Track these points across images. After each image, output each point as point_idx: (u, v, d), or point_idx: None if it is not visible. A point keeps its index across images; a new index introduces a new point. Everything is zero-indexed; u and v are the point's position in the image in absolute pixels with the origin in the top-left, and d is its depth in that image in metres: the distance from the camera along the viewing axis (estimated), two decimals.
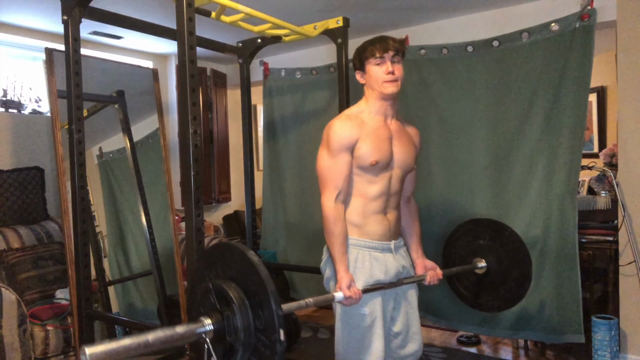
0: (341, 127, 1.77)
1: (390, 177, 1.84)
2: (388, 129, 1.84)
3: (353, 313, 1.78)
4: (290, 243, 3.94)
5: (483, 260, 2.24)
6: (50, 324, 2.68)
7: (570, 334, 2.73)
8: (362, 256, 1.80)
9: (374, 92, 1.82)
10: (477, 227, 2.34)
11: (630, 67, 2.74)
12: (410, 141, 1.92)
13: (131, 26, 2.54)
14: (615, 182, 2.80)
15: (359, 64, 1.84)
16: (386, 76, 1.77)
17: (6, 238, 2.95)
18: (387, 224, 1.84)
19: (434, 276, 1.97)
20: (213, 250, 1.34)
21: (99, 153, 3.40)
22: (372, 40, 1.83)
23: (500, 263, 2.21)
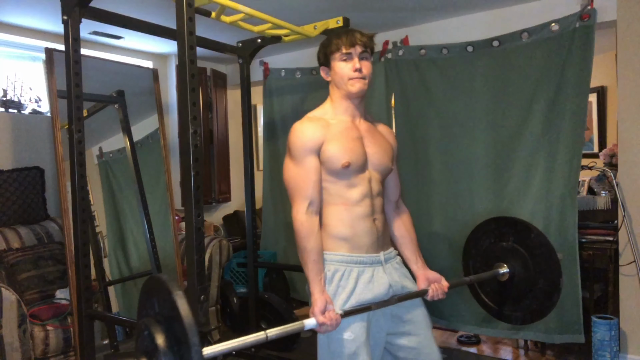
0: (303, 129, 1.60)
1: (369, 179, 1.65)
2: (357, 129, 1.67)
3: (334, 338, 1.56)
4: (290, 243, 3.94)
5: (505, 266, 1.95)
6: (50, 324, 2.68)
7: (570, 334, 2.73)
8: (347, 273, 1.58)
9: (339, 90, 1.66)
10: (501, 228, 2.06)
11: (630, 67, 2.74)
12: (383, 140, 1.74)
13: (131, 26, 2.54)
14: (615, 182, 2.80)
15: (324, 58, 1.69)
16: (352, 73, 1.61)
17: (6, 238, 2.95)
18: (376, 232, 1.64)
19: (437, 290, 1.72)
20: (151, 282, 1.26)
21: (99, 153, 3.40)
22: (338, 32, 1.67)
23: (526, 270, 1.93)
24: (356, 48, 1.62)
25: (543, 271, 1.90)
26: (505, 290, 1.98)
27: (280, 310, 3.22)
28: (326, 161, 1.58)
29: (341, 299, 1.56)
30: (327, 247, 1.62)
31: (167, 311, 1.17)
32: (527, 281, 1.92)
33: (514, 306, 1.99)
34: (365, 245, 1.61)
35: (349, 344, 1.54)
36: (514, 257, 1.95)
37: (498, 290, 2.00)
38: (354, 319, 1.55)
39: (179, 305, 1.12)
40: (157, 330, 1.17)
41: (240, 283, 3.89)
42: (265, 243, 4.07)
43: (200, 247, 1.88)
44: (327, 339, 1.58)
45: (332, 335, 1.55)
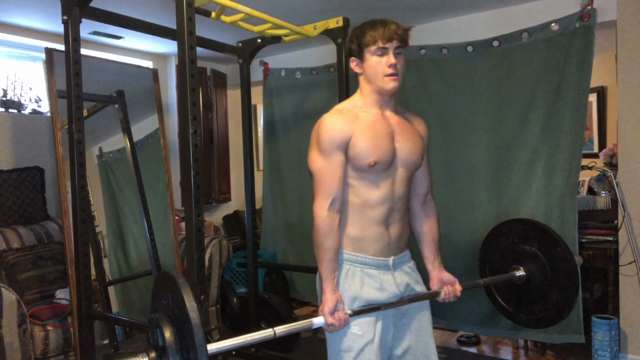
0: (331, 122, 1.53)
1: (393, 180, 1.59)
2: (387, 123, 1.60)
3: (343, 332, 1.55)
4: (290, 243, 3.94)
5: (522, 269, 1.91)
6: (50, 324, 2.68)
7: (570, 334, 2.73)
8: (352, 272, 1.57)
9: (371, 85, 1.58)
10: (528, 231, 1.98)
11: (630, 67, 2.74)
12: (415, 134, 1.66)
13: (131, 26, 2.54)
14: (615, 182, 2.80)
15: (357, 50, 1.58)
16: (387, 69, 1.53)
17: (6, 238, 2.95)
18: (387, 239, 1.59)
19: (450, 292, 1.68)
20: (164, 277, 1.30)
21: (99, 153, 3.40)
22: (372, 23, 1.57)
23: (543, 278, 1.87)
24: (393, 43, 1.53)
25: (561, 285, 1.85)
26: (518, 293, 1.96)
27: (280, 310, 3.22)
28: (353, 158, 1.53)
29: (349, 295, 1.55)
30: None
31: (177, 309, 1.20)
32: (541, 289, 1.89)
33: (523, 308, 1.97)
34: (372, 249, 1.58)
35: (358, 339, 1.53)
36: (533, 263, 1.90)
37: (514, 292, 1.98)
38: (364, 319, 1.54)
39: (187, 307, 1.16)
40: (166, 327, 1.21)
41: (240, 283, 3.89)
42: (265, 243, 4.07)
43: (200, 247, 1.88)
44: (336, 333, 1.57)
45: (341, 332, 1.55)
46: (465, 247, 3.03)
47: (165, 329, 1.21)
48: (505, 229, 2.07)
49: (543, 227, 1.96)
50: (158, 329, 1.23)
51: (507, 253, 2.01)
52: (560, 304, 1.86)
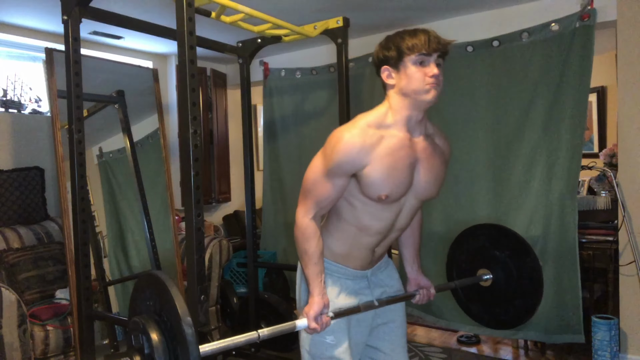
0: (349, 145, 1.36)
1: (400, 210, 1.49)
2: (412, 151, 1.43)
3: (316, 340, 1.53)
4: (290, 243, 3.94)
5: (489, 272, 1.91)
6: (50, 324, 2.68)
7: (570, 334, 2.73)
8: (331, 282, 1.55)
9: (407, 98, 1.39)
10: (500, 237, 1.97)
11: (630, 67, 2.74)
12: (440, 163, 1.51)
13: (131, 26, 2.54)
14: (615, 182, 2.80)
15: (396, 56, 1.38)
16: (430, 79, 1.35)
17: (6, 238, 2.95)
18: (370, 259, 1.57)
19: (424, 296, 1.71)
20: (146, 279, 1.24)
21: (99, 153, 3.40)
22: (413, 31, 1.39)
23: (508, 276, 1.88)
24: (436, 53, 1.37)
25: (525, 292, 1.86)
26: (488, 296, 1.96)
27: (280, 310, 3.22)
28: (364, 186, 1.40)
29: None
30: None
31: (163, 308, 1.15)
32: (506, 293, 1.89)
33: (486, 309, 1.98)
34: (354, 265, 1.57)
35: (330, 348, 1.52)
36: (501, 268, 1.90)
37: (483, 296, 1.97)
38: (337, 325, 1.52)
39: (175, 302, 1.10)
40: (152, 328, 1.14)
41: (240, 283, 3.89)
42: (265, 243, 4.07)
43: (200, 247, 1.88)
44: (309, 342, 1.55)
45: (314, 338, 1.53)
46: None
47: (152, 335, 1.13)
48: (476, 232, 2.05)
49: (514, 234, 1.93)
50: (144, 335, 1.16)
51: (476, 255, 1.99)
52: (522, 310, 1.88)
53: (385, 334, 1.65)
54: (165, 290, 1.14)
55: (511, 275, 1.87)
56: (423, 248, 1.96)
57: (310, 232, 1.46)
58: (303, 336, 1.57)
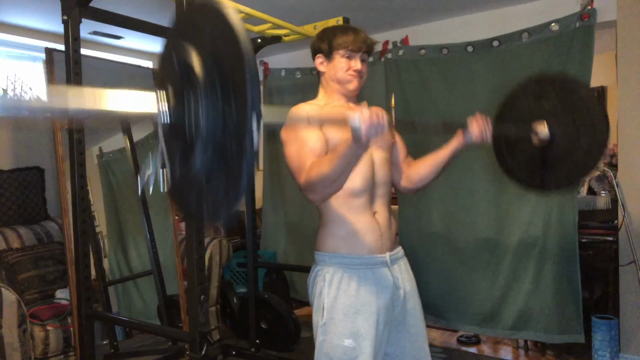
0: (299, 107, 1.58)
1: (371, 160, 1.57)
2: (351, 109, 1.46)
3: (333, 344, 1.49)
4: (290, 243, 3.94)
5: (545, 126, 1.66)
6: (50, 324, 2.68)
7: (570, 334, 2.73)
8: (348, 277, 1.51)
9: (334, 84, 1.63)
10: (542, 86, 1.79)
11: (630, 67, 2.74)
12: None
13: (131, 26, 2.54)
14: (615, 182, 2.80)
15: (327, 49, 1.61)
16: (352, 72, 1.60)
17: (6, 238, 2.95)
18: (378, 229, 1.55)
19: (478, 124, 1.56)
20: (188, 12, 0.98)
21: (99, 153, 3.40)
22: (344, 28, 1.65)
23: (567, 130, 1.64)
24: (361, 51, 1.60)
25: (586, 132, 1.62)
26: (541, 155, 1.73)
27: (280, 310, 3.22)
28: (328, 141, 1.51)
29: (342, 302, 1.49)
30: (325, 247, 1.55)
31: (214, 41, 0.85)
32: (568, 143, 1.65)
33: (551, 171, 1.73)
34: (367, 244, 1.52)
35: (350, 352, 1.47)
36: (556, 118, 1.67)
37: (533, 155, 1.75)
38: (358, 329, 1.48)
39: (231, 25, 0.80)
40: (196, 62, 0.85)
41: (240, 283, 3.89)
42: (265, 243, 4.07)
43: (200, 247, 1.89)
44: (326, 346, 1.50)
45: (332, 341, 1.49)
46: (465, 247, 3.03)
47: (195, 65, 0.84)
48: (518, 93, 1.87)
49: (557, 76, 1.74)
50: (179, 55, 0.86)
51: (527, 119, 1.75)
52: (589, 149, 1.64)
53: (407, 340, 1.60)
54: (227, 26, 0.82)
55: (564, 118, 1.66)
56: (422, 249, 1.95)
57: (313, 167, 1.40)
58: (320, 339, 1.52)
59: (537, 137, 1.67)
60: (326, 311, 1.50)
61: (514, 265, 2.88)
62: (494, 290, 2.96)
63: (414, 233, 3.22)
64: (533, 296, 2.80)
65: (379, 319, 1.51)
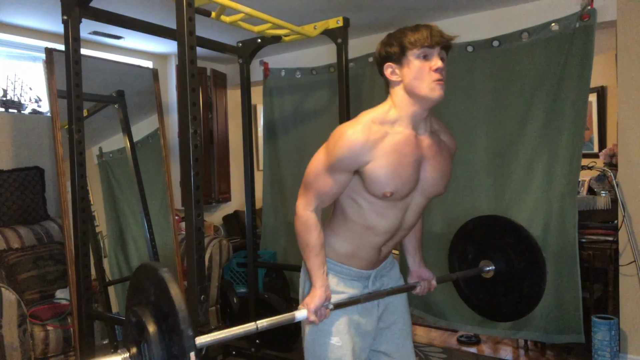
0: (352, 141, 1.33)
1: (406, 208, 1.46)
2: (418, 148, 1.40)
3: (320, 342, 1.51)
4: (290, 243, 3.94)
5: (491, 263, 1.86)
6: (50, 324, 2.68)
7: (570, 334, 2.73)
8: (336, 279, 1.52)
9: (411, 95, 1.37)
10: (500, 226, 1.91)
11: (630, 67, 2.74)
12: (446, 159, 1.48)
13: (131, 26, 2.54)
14: (615, 182, 2.80)
15: (399, 51, 1.35)
16: (434, 74, 1.33)
17: (6, 238, 2.95)
18: (376, 258, 1.54)
19: (425, 288, 1.68)
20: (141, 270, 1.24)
21: (99, 153, 3.40)
22: (414, 27, 1.37)
23: (510, 268, 1.83)
24: (439, 47, 1.35)
25: (527, 273, 1.80)
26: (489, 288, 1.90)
27: (280, 310, 3.22)
28: (367, 183, 1.37)
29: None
30: None
31: (159, 299, 1.12)
32: (511, 280, 1.84)
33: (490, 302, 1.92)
34: (361, 265, 1.54)
35: (336, 350, 1.49)
36: (503, 258, 1.85)
37: (483, 287, 1.92)
38: (343, 327, 1.50)
39: (170, 292, 1.07)
40: (148, 319, 1.12)
41: (240, 283, 3.89)
42: (265, 243, 4.07)
43: (200, 247, 1.88)
44: (313, 344, 1.54)
45: (319, 340, 1.52)
46: None
47: (147, 321, 1.12)
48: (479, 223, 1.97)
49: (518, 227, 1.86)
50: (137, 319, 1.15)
51: (479, 247, 1.92)
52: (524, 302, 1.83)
53: (389, 337, 1.62)
54: (161, 281, 1.12)
55: (513, 268, 1.83)
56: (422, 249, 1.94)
57: (312, 224, 1.43)
58: (308, 339, 1.55)
59: (485, 272, 1.86)
60: None
61: None
62: None
63: None
64: None
65: (360, 319, 1.53)
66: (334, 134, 1.39)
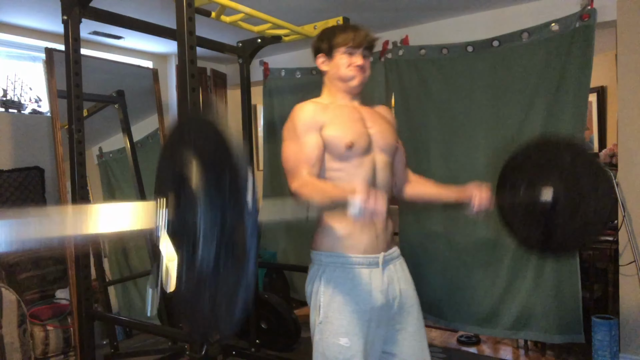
0: (303, 108, 1.57)
1: (373, 163, 1.58)
2: (357, 111, 1.63)
3: (329, 343, 1.51)
4: (290, 243, 3.94)
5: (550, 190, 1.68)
6: (50, 324, 2.68)
7: (570, 334, 2.73)
8: (343, 276, 1.52)
9: (337, 82, 1.64)
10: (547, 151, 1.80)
11: (630, 67, 2.73)
12: (384, 120, 1.69)
13: (131, 26, 2.54)
14: (615, 182, 2.80)
15: (327, 48, 1.64)
16: (354, 69, 1.60)
17: None
18: (375, 232, 1.55)
19: (479, 197, 1.58)
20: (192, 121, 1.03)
21: (99, 153, 3.40)
22: (344, 27, 1.69)
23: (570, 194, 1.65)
24: (361, 47, 1.61)
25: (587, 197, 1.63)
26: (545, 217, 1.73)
27: (280, 310, 3.22)
28: (329, 144, 1.53)
29: (337, 301, 1.51)
30: (322, 246, 1.57)
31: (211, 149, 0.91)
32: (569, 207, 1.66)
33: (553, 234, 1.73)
34: (363, 244, 1.54)
35: (345, 351, 1.48)
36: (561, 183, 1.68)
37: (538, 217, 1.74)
38: (353, 328, 1.49)
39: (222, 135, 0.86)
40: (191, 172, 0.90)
41: None
42: (265, 243, 4.07)
43: None
44: (322, 345, 1.52)
45: (327, 340, 1.51)
46: (465, 246, 3.03)
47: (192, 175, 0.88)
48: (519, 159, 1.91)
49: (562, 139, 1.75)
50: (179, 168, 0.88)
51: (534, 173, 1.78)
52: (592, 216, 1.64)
53: (403, 339, 1.60)
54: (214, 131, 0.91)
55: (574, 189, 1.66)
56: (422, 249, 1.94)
57: (310, 183, 1.47)
58: (316, 338, 1.55)
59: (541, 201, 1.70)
60: (322, 310, 1.53)
61: (514, 265, 2.88)
62: (494, 290, 2.96)
63: (414, 233, 3.22)
64: (533, 296, 2.80)
65: (371, 317, 1.52)
66: (288, 119, 1.60)
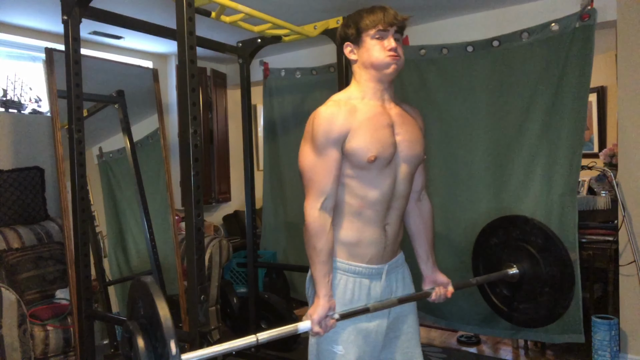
0: (328, 115, 1.43)
1: (395, 175, 1.49)
2: (387, 115, 1.49)
3: (324, 349, 1.49)
4: (290, 243, 3.94)
5: (515, 267, 1.80)
6: (50, 324, 2.68)
7: (570, 334, 2.73)
8: (344, 282, 1.49)
9: (369, 71, 1.49)
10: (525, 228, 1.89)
11: (630, 67, 2.74)
12: (415, 126, 1.56)
13: (131, 26, 2.54)
14: (615, 182, 2.80)
15: (355, 34, 1.48)
16: (388, 52, 1.45)
17: (6, 238, 2.94)
18: (384, 243, 1.51)
19: (441, 294, 1.62)
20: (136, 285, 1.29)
21: (99, 153, 3.40)
22: (371, 8, 1.50)
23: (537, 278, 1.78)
24: (393, 27, 1.47)
25: (555, 286, 1.76)
26: (515, 292, 1.87)
27: (280, 310, 3.22)
28: (351, 154, 1.42)
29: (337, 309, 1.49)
30: None
31: (150, 315, 1.17)
32: (537, 282, 1.79)
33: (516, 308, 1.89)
34: (369, 255, 1.50)
35: (339, 359, 1.47)
36: (528, 261, 1.81)
37: (509, 292, 1.89)
38: (349, 336, 1.47)
39: (158, 310, 1.13)
40: (138, 334, 1.18)
41: (240, 283, 3.89)
42: (265, 243, 4.07)
43: (200, 247, 1.88)
44: (317, 349, 1.52)
45: (322, 346, 1.50)
46: (465, 247, 3.03)
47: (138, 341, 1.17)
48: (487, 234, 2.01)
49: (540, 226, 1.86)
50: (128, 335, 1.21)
51: (501, 251, 1.92)
52: (553, 304, 1.80)
53: (398, 346, 1.59)
54: (150, 298, 1.16)
55: (539, 270, 1.76)
56: None
57: (320, 226, 1.42)
58: (312, 343, 1.53)
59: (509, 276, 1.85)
60: None
61: None
62: None
63: None
64: None
65: (368, 328, 1.50)
66: (310, 120, 1.48)
